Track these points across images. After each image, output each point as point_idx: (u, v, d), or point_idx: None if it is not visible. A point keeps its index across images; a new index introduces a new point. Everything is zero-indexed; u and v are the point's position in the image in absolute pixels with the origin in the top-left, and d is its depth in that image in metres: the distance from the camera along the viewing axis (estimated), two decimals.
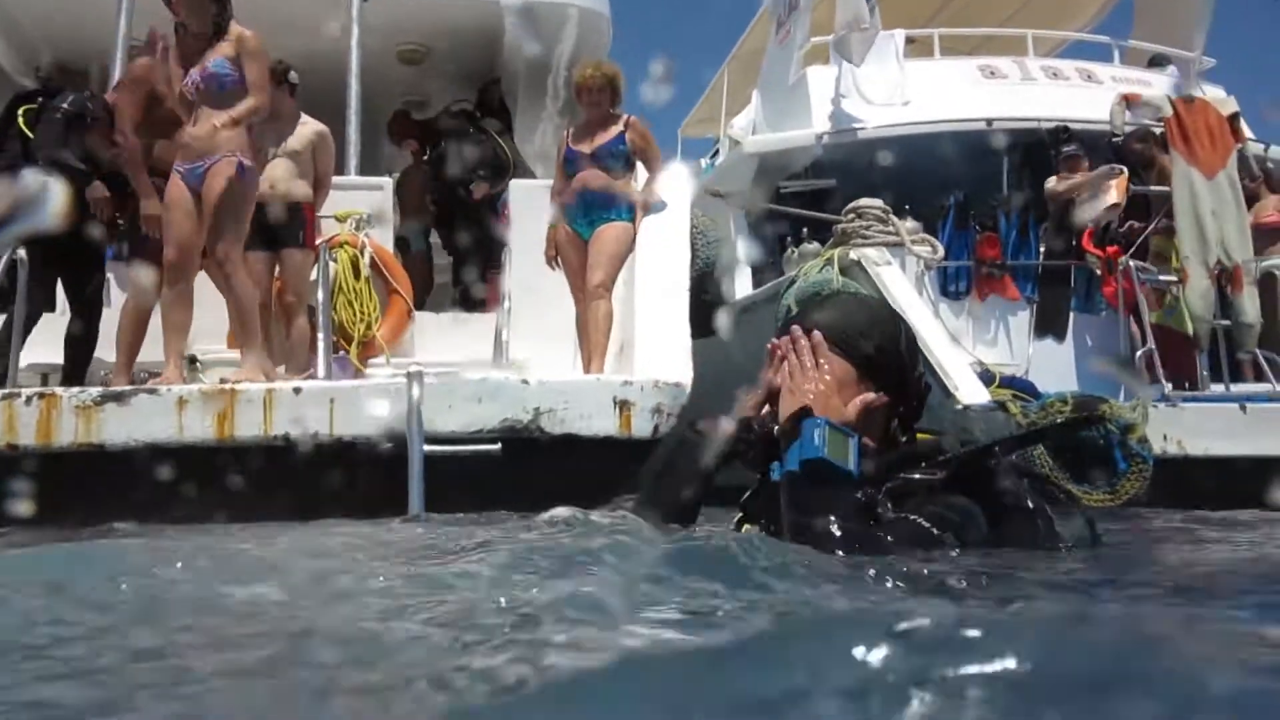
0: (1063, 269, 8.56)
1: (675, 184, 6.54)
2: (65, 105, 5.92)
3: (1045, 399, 5.99)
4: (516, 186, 7.46)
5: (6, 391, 4.58)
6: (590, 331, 5.52)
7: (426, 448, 4.25)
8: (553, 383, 4.69)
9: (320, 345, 5.44)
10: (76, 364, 5.73)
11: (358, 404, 4.50)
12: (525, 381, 4.67)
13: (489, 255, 7.83)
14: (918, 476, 1.81)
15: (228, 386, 4.55)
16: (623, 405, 4.61)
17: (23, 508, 3.90)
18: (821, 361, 1.86)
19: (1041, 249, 8.94)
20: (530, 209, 6.88)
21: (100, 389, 4.60)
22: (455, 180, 8.45)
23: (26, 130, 6.13)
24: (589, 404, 4.59)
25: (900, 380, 1.92)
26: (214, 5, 5.21)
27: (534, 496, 4.10)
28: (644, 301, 5.65)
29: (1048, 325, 8.49)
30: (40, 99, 6.29)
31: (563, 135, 6.16)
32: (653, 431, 4.66)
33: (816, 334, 1.88)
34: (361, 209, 6.97)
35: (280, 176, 5.84)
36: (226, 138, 5.09)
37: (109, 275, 6.11)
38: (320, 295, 5.72)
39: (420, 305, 7.57)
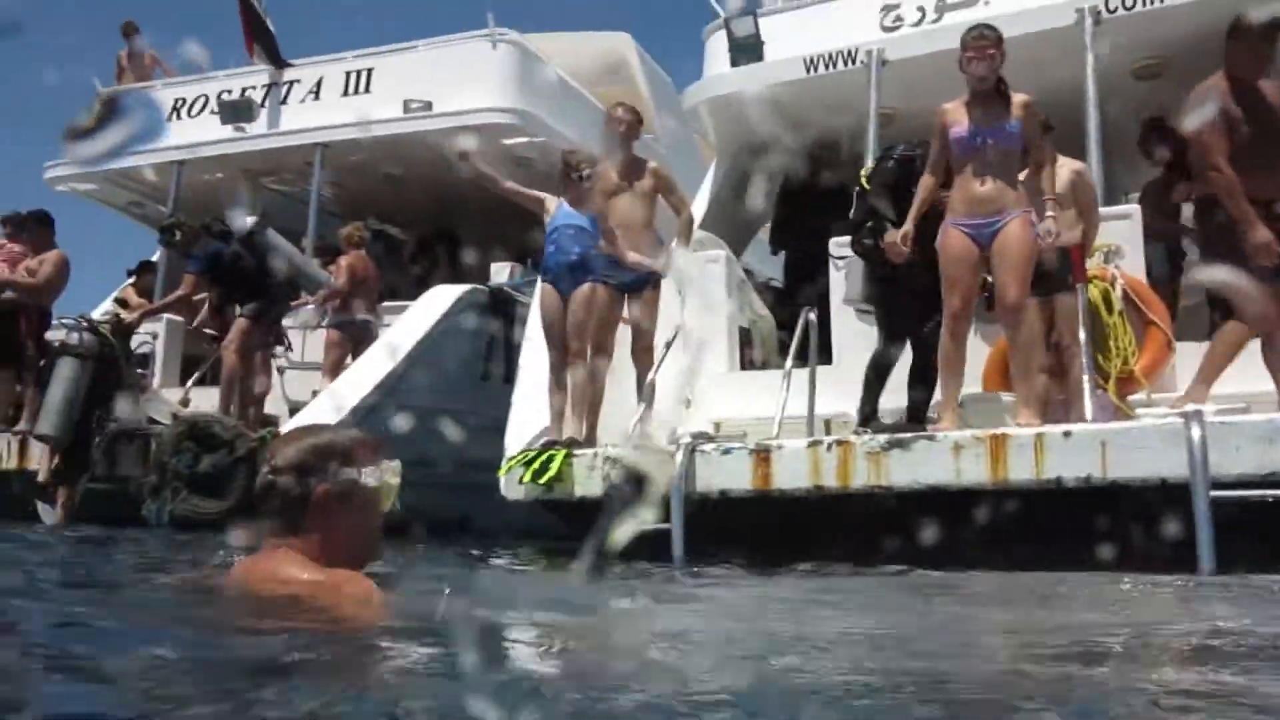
0: None
1: None
2: (895, 155, 6.21)
3: None
4: None
5: (811, 440, 5.30)
6: None
7: (1213, 493, 4.05)
8: None
9: (1086, 386, 5.42)
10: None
11: (1132, 447, 4.43)
12: None
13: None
14: None
15: (999, 432, 4.78)
16: None
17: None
18: None
19: None
20: None
21: (887, 436, 5.12)
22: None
23: (864, 183, 6.65)
24: None
25: None
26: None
27: None
28: None
29: None
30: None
31: None
32: None
33: None
34: (1109, 241, 6.82)
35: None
36: (1015, 197, 5.29)
37: None
38: (1081, 334, 5.69)
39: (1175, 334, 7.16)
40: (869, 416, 6.03)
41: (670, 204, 6.75)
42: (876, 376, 6.07)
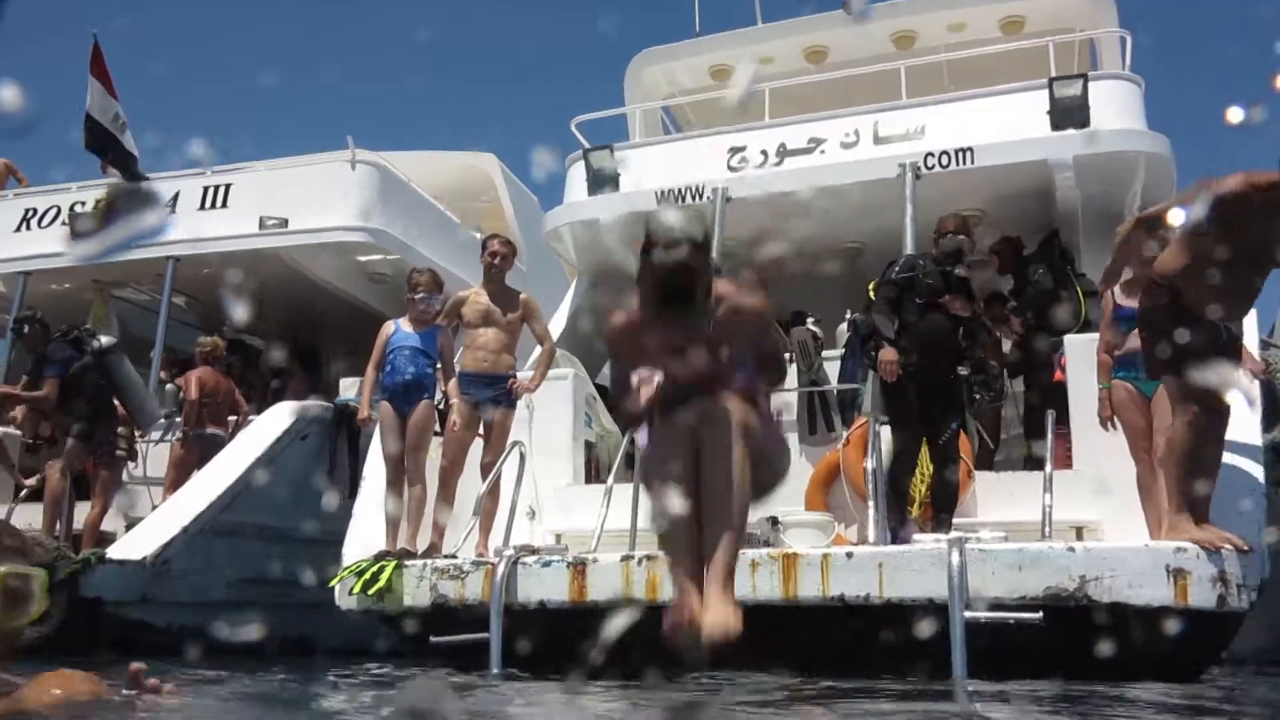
0: None
1: None
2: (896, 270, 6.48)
3: None
4: (1073, 341, 7.39)
5: (624, 555, 5.55)
6: (1156, 497, 5.27)
7: (967, 614, 4.45)
8: (1099, 549, 4.66)
9: (871, 510, 5.85)
10: None
11: (905, 568, 4.84)
12: (1070, 549, 4.70)
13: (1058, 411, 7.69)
14: None
15: (791, 551, 5.15)
16: (1177, 574, 4.45)
17: None
18: None
19: None
20: (1088, 364, 6.79)
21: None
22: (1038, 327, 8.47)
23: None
24: (1138, 572, 4.49)
25: None
26: None
27: (1082, 667, 4.15)
28: None
29: None
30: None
31: (1108, 291, 6.06)
32: (1217, 603, 4.41)
33: None
34: None
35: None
36: None
37: None
38: (869, 464, 6.15)
39: (989, 463, 7.74)
40: (894, 533, 5.95)
41: (534, 332, 7.05)
42: (893, 490, 6.10)
